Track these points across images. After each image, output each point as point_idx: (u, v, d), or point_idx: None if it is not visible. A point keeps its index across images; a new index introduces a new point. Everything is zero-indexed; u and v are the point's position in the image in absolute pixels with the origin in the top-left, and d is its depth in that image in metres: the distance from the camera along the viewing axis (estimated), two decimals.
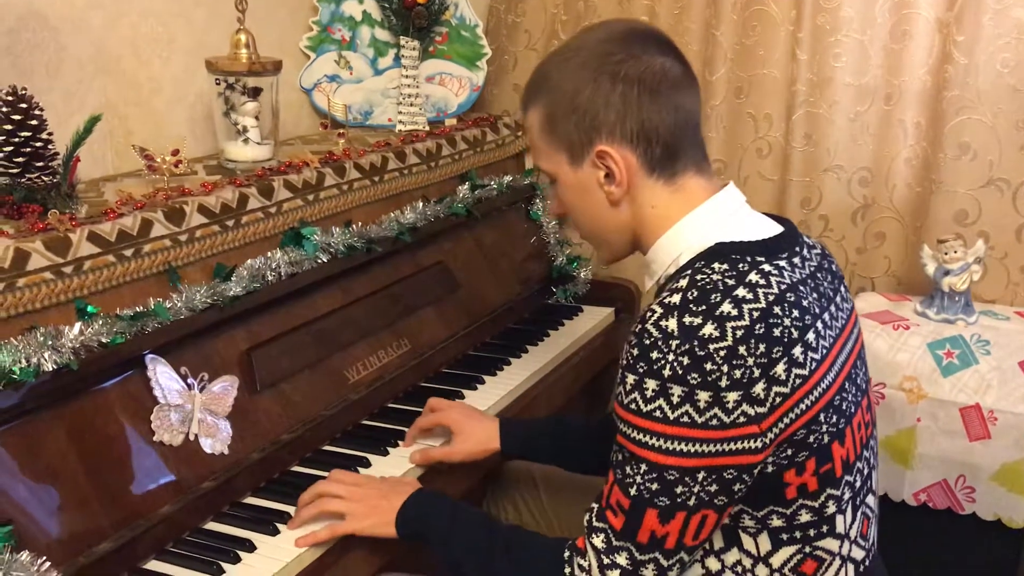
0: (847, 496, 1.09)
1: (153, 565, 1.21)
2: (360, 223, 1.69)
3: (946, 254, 1.87)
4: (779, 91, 2.11)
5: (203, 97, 1.81)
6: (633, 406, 1.01)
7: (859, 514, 1.12)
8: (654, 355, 0.99)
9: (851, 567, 1.11)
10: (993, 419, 1.73)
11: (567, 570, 1.08)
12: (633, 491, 1.02)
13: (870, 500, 1.16)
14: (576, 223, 1.23)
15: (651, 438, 1.00)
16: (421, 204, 1.85)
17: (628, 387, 1.02)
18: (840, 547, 1.09)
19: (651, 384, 0.99)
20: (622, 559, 1.04)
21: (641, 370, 1.00)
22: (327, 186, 1.68)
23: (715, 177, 1.18)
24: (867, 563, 1.15)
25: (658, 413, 0.99)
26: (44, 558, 1.04)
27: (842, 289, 1.19)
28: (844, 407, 1.08)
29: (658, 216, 1.14)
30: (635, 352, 1.01)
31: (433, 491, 1.30)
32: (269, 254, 1.50)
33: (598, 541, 1.06)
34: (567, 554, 1.09)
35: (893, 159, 2.05)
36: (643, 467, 1.01)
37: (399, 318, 1.74)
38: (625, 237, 1.19)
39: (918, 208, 2.04)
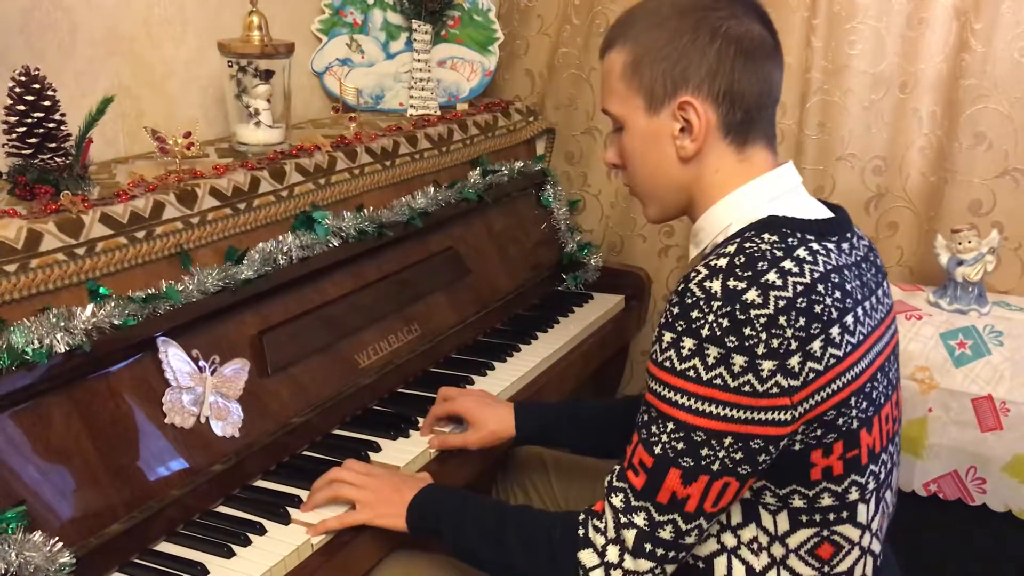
0: (871, 486, 1.08)
1: (164, 547, 1.22)
2: (371, 207, 1.69)
3: (960, 244, 1.86)
4: (793, 78, 2.09)
5: (215, 79, 1.80)
6: (667, 364, 1.01)
7: (880, 507, 1.12)
8: (694, 314, 0.99)
9: (870, 560, 1.11)
10: (1005, 410, 1.72)
11: (581, 532, 1.08)
12: (658, 450, 1.02)
13: (888, 496, 1.15)
14: (632, 175, 1.19)
15: (682, 397, 1.00)
16: (432, 189, 1.85)
17: (664, 345, 1.01)
18: (860, 537, 1.09)
19: (688, 343, 0.99)
20: (640, 519, 1.03)
21: (679, 328, 1.00)
22: (339, 170, 1.68)
23: (783, 157, 1.17)
24: (881, 557, 1.15)
25: (692, 372, 0.99)
26: (56, 538, 1.05)
27: (884, 284, 1.19)
28: (875, 396, 1.08)
29: (719, 182, 1.13)
30: (675, 311, 1.01)
31: (444, 485, 1.29)
32: (280, 238, 1.49)
33: (617, 500, 1.05)
34: (582, 517, 1.09)
35: (907, 148, 2.03)
36: (670, 426, 1.01)
37: (409, 303, 1.74)
38: (680, 197, 1.17)
39: (932, 197, 2.03)
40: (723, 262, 1.01)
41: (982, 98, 1.92)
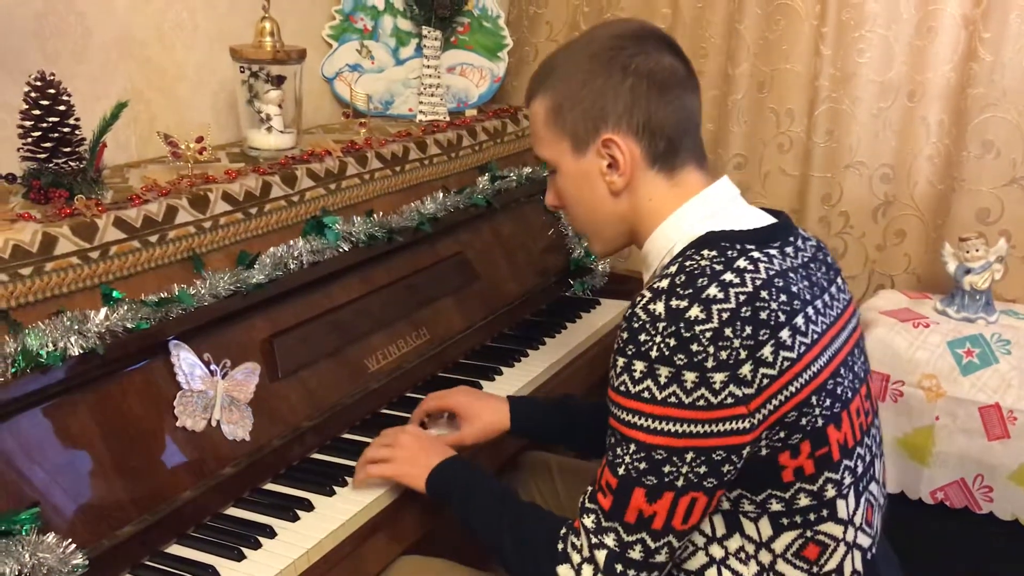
0: (848, 481, 1.09)
1: (175, 549, 1.22)
2: (381, 213, 1.70)
3: (967, 252, 1.86)
4: (802, 86, 2.10)
5: (226, 84, 1.81)
6: (623, 388, 1.03)
7: (862, 500, 1.12)
8: (642, 337, 1.01)
9: (857, 554, 1.12)
10: (1012, 419, 1.72)
11: (560, 547, 1.10)
12: (621, 471, 1.04)
13: (874, 488, 1.16)
14: (572, 214, 1.25)
15: (639, 418, 1.02)
16: (441, 194, 1.85)
17: (618, 369, 1.04)
18: (844, 533, 1.10)
19: (639, 366, 1.01)
20: (610, 540, 1.05)
21: (630, 352, 1.02)
22: (349, 175, 1.68)
23: (712, 174, 1.20)
24: (873, 550, 1.15)
25: (646, 394, 1.01)
26: (69, 540, 1.06)
27: (838, 280, 1.20)
28: (839, 392, 1.08)
29: (655, 208, 1.16)
30: (625, 335, 1.03)
31: (465, 460, 1.33)
32: (291, 242, 1.50)
33: (588, 522, 1.07)
34: (563, 531, 1.11)
35: (915, 156, 2.04)
36: (632, 447, 1.03)
37: (418, 308, 1.75)
38: (620, 228, 1.21)
39: (940, 206, 2.03)
40: (665, 283, 1.04)
41: (990, 107, 1.92)
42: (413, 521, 1.35)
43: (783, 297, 1.04)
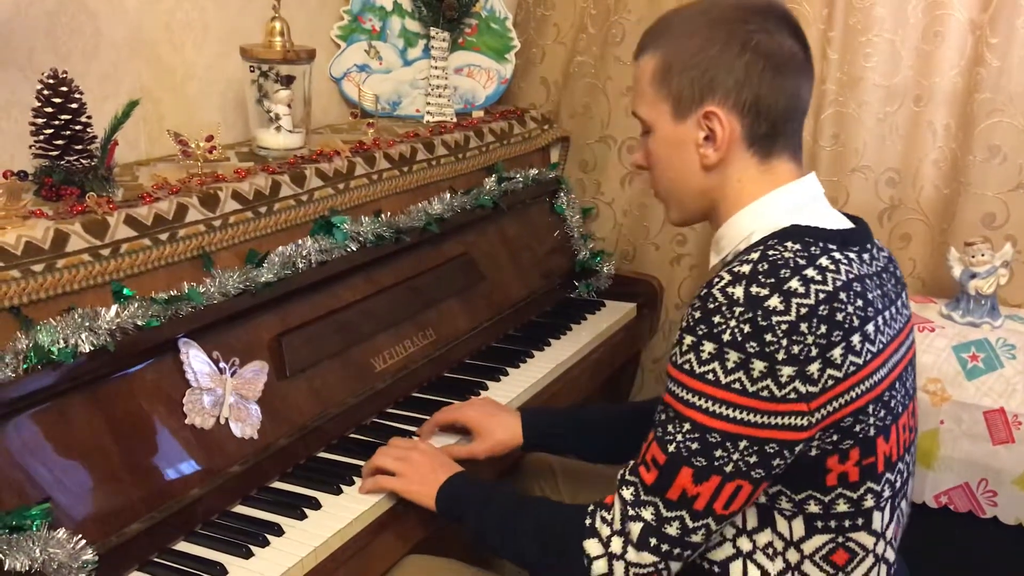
0: (887, 494, 1.10)
1: (183, 546, 1.23)
2: (389, 213, 1.70)
3: (973, 257, 1.86)
4: None
5: (235, 84, 1.81)
6: (687, 366, 1.03)
7: (895, 516, 1.13)
8: (716, 319, 1.01)
9: (884, 568, 1.12)
10: (1017, 423, 1.72)
11: (588, 521, 1.10)
12: (671, 448, 1.04)
13: (904, 505, 1.17)
14: (657, 178, 1.22)
15: (700, 399, 1.02)
16: (448, 195, 1.86)
17: (684, 348, 1.03)
18: (875, 545, 1.10)
19: (708, 347, 1.01)
20: (647, 513, 1.05)
21: (700, 332, 1.02)
22: (357, 175, 1.69)
23: (803, 168, 1.18)
24: (895, 567, 1.16)
25: (711, 376, 1.01)
26: (79, 536, 1.06)
27: (903, 295, 1.20)
28: (893, 405, 1.09)
29: (742, 191, 1.14)
30: (697, 315, 1.03)
31: (471, 476, 1.33)
32: (300, 241, 1.51)
33: (627, 494, 1.07)
34: (591, 508, 1.12)
35: (921, 160, 2.04)
36: (686, 426, 1.03)
37: (425, 308, 1.75)
38: (701, 203, 1.19)
39: (945, 210, 2.03)
40: (746, 268, 1.03)
41: (997, 112, 1.93)
42: (420, 520, 1.35)
43: (859, 302, 1.03)
